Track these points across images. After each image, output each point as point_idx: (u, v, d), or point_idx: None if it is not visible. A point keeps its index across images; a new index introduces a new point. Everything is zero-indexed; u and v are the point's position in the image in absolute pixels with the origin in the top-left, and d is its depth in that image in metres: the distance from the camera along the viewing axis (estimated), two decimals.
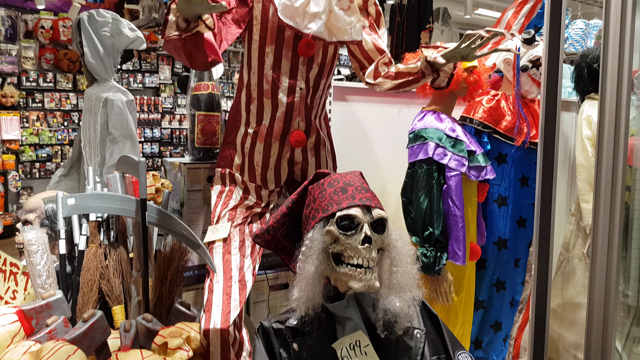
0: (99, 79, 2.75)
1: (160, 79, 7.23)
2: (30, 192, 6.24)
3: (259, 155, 1.87)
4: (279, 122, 1.83)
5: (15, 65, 6.01)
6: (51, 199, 1.93)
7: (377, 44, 1.87)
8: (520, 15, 2.77)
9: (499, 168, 2.39)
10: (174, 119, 7.35)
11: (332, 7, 1.71)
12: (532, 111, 2.45)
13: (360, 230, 1.31)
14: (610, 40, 1.41)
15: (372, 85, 1.86)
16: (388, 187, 2.60)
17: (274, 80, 1.78)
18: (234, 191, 1.88)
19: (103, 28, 2.67)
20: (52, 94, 6.37)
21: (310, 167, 1.94)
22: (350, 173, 1.44)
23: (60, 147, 6.46)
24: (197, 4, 1.35)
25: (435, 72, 1.77)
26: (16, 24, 6.02)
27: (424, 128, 2.10)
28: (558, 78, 1.64)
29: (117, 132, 2.63)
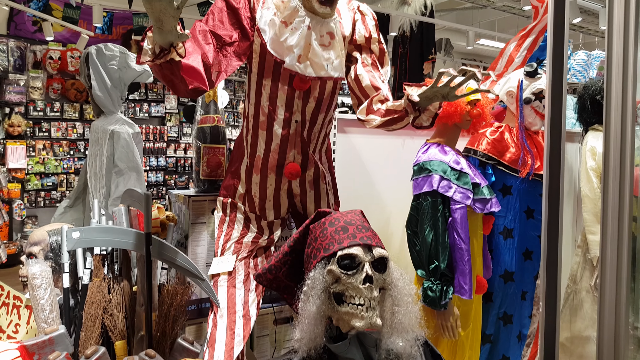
0: (105, 112, 2.79)
1: (166, 108, 7.31)
2: (35, 220, 6.26)
3: (256, 187, 1.88)
4: (273, 154, 1.84)
5: (23, 95, 6.10)
6: (56, 231, 1.93)
7: (374, 82, 1.85)
8: (523, 48, 2.81)
9: (504, 200, 2.39)
10: (179, 147, 7.41)
11: (311, 42, 1.73)
12: (536, 143, 2.45)
13: (361, 270, 1.30)
14: (613, 71, 1.42)
15: (362, 121, 1.84)
16: (392, 219, 2.59)
17: (269, 112, 1.80)
18: (235, 221, 1.89)
19: (111, 61, 2.72)
20: (58, 123, 6.45)
21: (309, 200, 1.95)
22: (352, 212, 1.45)
23: (66, 175, 6.50)
24: (168, 32, 1.39)
25: (417, 111, 1.71)
26: (25, 54, 6.13)
27: (428, 160, 2.10)
28: (562, 109, 1.65)
29: (123, 164, 2.64)
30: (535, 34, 2.81)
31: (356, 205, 2.47)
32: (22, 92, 6.09)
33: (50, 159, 6.38)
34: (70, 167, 6.53)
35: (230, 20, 1.72)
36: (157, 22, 1.37)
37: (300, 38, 1.71)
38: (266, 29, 1.72)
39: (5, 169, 5.86)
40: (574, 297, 2.84)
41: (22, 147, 5.99)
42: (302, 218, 2.00)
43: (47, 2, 6.35)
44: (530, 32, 2.83)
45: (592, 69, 4.65)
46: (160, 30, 1.38)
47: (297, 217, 2.02)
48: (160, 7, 1.33)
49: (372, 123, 1.79)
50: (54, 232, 1.94)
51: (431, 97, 1.64)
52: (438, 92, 1.63)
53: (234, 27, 1.72)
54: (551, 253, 1.57)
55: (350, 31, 1.88)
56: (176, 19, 1.37)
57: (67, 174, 6.51)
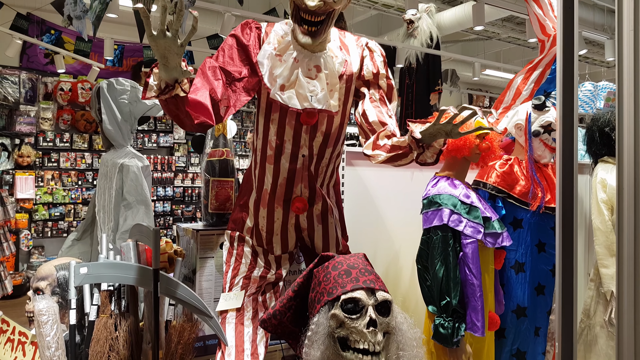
0: (115, 145, 2.81)
1: (175, 139, 7.37)
2: (42, 251, 6.25)
3: (263, 220, 1.87)
4: (280, 188, 1.84)
5: (33, 125, 6.17)
6: (63, 266, 1.92)
7: (381, 117, 1.85)
8: (530, 81, 2.82)
9: (515, 233, 2.36)
10: (187, 177, 7.44)
11: (298, 74, 1.74)
12: (546, 176, 2.44)
13: (365, 314, 1.30)
14: (624, 104, 1.41)
15: (368, 156, 1.84)
16: (402, 253, 2.56)
17: (277, 146, 1.80)
18: (243, 255, 1.87)
19: (122, 96, 2.75)
20: (67, 153, 6.51)
21: (317, 234, 1.93)
22: (354, 255, 1.46)
23: (74, 206, 6.52)
24: (172, 68, 1.42)
25: (420, 147, 1.70)
26: (36, 86, 6.23)
27: (438, 194, 2.09)
28: (573, 141, 1.64)
29: (132, 198, 2.65)
30: (542, 67, 2.82)
31: (365, 238, 2.46)
32: (32, 123, 6.16)
33: (59, 189, 6.42)
34: (78, 197, 6.55)
35: (240, 57, 1.75)
36: (162, 58, 1.40)
37: (285, 69, 1.74)
38: (264, 62, 1.75)
39: (14, 199, 5.89)
40: (588, 332, 2.77)
41: (30, 177, 6.03)
42: (310, 252, 1.98)
43: (60, 36, 6.49)
44: (537, 65, 2.84)
45: (599, 99, 4.66)
46: (165, 66, 1.41)
47: (305, 251, 2.01)
48: (165, 44, 1.37)
49: (377, 158, 1.79)
50: (61, 266, 1.93)
51: (434, 134, 1.63)
52: (441, 129, 1.62)
53: (243, 64, 1.74)
54: (566, 288, 1.54)
55: (359, 67, 1.89)
56: (180, 56, 1.41)
57: (75, 204, 6.53)
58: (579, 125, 3.26)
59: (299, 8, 1.68)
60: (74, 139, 6.54)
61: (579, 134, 3.64)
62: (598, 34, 6.77)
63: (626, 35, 1.42)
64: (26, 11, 6.37)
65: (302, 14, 1.68)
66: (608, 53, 6.82)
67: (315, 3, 1.63)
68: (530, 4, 2.94)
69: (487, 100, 11.36)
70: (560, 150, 1.61)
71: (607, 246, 2.65)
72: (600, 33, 6.78)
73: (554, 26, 2.84)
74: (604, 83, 4.66)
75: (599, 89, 4.67)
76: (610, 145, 2.81)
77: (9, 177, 5.93)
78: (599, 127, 2.86)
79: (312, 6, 1.63)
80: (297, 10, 1.69)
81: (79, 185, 6.57)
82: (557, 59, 1.62)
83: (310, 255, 1.99)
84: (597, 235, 2.68)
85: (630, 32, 1.40)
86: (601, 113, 2.94)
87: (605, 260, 2.65)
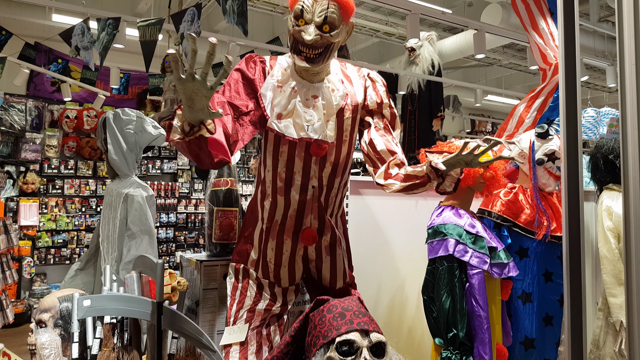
0: (120, 175, 2.82)
1: (179, 165, 7.39)
2: (44, 278, 6.22)
3: (272, 252, 1.85)
4: (290, 220, 1.83)
5: (39, 153, 6.21)
6: (66, 297, 1.91)
7: (389, 146, 1.86)
8: (532, 109, 2.83)
9: (521, 263, 2.34)
10: (190, 203, 7.44)
11: (295, 103, 1.76)
12: (551, 204, 2.43)
13: (359, 355, 1.32)
14: (628, 129, 1.41)
15: (381, 186, 1.84)
16: (407, 283, 2.54)
17: (287, 178, 1.80)
18: (248, 288, 1.85)
19: (127, 126, 2.78)
20: (72, 180, 6.53)
21: (324, 265, 1.91)
22: (348, 298, 1.48)
23: (77, 232, 6.52)
24: (199, 110, 1.42)
25: (440, 177, 1.73)
26: (42, 114, 6.29)
27: (443, 224, 2.08)
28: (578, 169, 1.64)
29: (136, 228, 2.65)
30: (544, 95, 2.85)
31: (370, 268, 2.44)
32: (37, 150, 6.20)
33: (62, 216, 6.42)
34: (81, 224, 6.55)
35: (246, 91, 1.76)
36: (189, 100, 1.39)
37: (282, 98, 1.75)
38: (267, 94, 1.77)
39: (17, 226, 5.89)
40: None
41: (35, 204, 6.04)
42: (315, 284, 1.96)
43: (67, 64, 6.58)
44: (539, 94, 2.86)
45: (602, 125, 4.66)
46: (190, 108, 1.41)
47: (310, 282, 1.99)
48: (193, 87, 1.36)
49: (391, 188, 1.80)
50: (64, 298, 1.92)
51: (454, 163, 1.68)
52: (462, 159, 1.67)
53: (249, 97, 1.76)
54: (575, 319, 1.52)
55: (363, 97, 1.91)
56: (209, 98, 1.40)
57: (78, 231, 6.52)
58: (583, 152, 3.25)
59: (297, 41, 1.71)
60: (78, 165, 6.57)
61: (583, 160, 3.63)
62: (599, 60, 6.83)
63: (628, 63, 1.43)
64: (34, 40, 6.48)
65: (300, 46, 1.70)
66: (609, 79, 6.87)
67: (312, 37, 1.65)
68: (530, 33, 2.98)
69: (490, 125, 11.41)
70: (566, 178, 1.60)
71: (614, 275, 2.62)
72: (601, 59, 6.84)
73: (555, 55, 2.88)
74: (607, 109, 4.67)
75: (601, 115, 4.67)
76: (615, 172, 2.81)
77: (13, 204, 5.95)
78: (603, 155, 2.86)
79: (308, 40, 1.65)
80: (295, 43, 1.72)
81: (82, 212, 6.58)
82: (559, 89, 1.63)
83: (314, 287, 1.97)
84: (604, 263, 2.65)
85: (632, 59, 1.41)
86: (605, 140, 2.95)
87: (614, 290, 2.62)
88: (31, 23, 6.29)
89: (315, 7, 1.66)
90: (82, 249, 6.51)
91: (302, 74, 1.78)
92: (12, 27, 6.10)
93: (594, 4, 6.68)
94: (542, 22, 2.91)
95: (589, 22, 6.64)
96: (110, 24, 4.01)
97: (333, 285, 1.92)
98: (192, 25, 3.77)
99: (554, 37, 2.88)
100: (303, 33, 1.66)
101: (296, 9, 1.68)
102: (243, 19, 3.51)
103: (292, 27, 1.71)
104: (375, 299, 2.46)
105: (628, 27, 1.42)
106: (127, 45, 4.32)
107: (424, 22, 6.45)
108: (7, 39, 6.01)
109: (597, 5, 6.74)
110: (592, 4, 6.68)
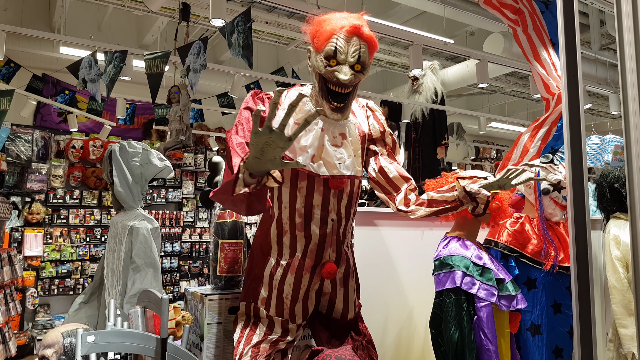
0: (126, 207, 2.83)
1: (183, 194, 7.40)
2: (47, 309, 6.18)
3: (289, 288, 1.82)
4: (311, 254, 1.82)
5: (44, 183, 6.23)
6: (70, 332, 1.89)
7: (401, 172, 1.93)
8: (537, 138, 2.84)
9: (529, 294, 2.31)
10: (194, 232, 7.42)
11: (324, 142, 1.78)
12: (558, 234, 2.41)
13: None
14: (634, 158, 1.41)
15: (405, 212, 1.90)
16: (415, 315, 2.51)
17: (306, 213, 1.79)
18: (258, 327, 1.82)
19: (133, 158, 2.80)
20: (77, 210, 6.53)
21: (338, 297, 1.90)
22: (342, 348, 1.52)
23: (81, 262, 6.49)
24: (267, 161, 1.40)
25: (474, 201, 1.85)
26: (49, 144, 6.34)
27: (450, 255, 2.06)
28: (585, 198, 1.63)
29: (141, 261, 2.64)
30: (548, 124, 2.85)
31: (377, 300, 2.41)
32: (43, 180, 6.23)
33: (67, 246, 6.41)
34: (85, 254, 6.53)
35: None
36: (259, 152, 1.38)
37: (314, 139, 1.77)
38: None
39: (22, 257, 5.87)
40: None
41: (39, 234, 6.04)
42: (323, 318, 1.94)
43: (74, 95, 6.67)
44: (543, 123, 2.87)
45: (607, 152, 4.67)
46: (258, 159, 1.40)
47: (317, 317, 1.96)
48: (268, 140, 1.36)
49: (416, 214, 1.89)
50: (68, 333, 1.90)
51: (487, 187, 1.82)
52: (496, 183, 1.83)
53: None
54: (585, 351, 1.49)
55: (367, 127, 1.94)
56: (285, 150, 1.39)
57: (82, 261, 6.50)
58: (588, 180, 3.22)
59: (326, 80, 1.72)
60: (83, 195, 6.59)
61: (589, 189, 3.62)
62: (602, 88, 6.87)
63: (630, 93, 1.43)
64: (42, 72, 6.59)
65: (331, 86, 1.72)
66: (613, 107, 6.90)
67: (348, 77, 1.67)
68: (533, 64, 3.01)
69: (494, 152, 11.42)
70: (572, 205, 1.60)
71: (624, 305, 2.58)
72: (603, 87, 6.89)
73: (558, 85, 2.89)
74: (611, 136, 4.69)
75: (605, 142, 4.69)
76: (621, 201, 2.79)
77: (17, 234, 5.95)
78: (608, 183, 2.85)
79: (344, 80, 1.67)
80: (324, 83, 1.73)
81: (87, 242, 6.57)
82: (563, 118, 1.63)
83: (320, 320, 1.94)
84: (614, 293, 2.62)
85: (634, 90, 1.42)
86: (610, 169, 2.94)
87: (624, 320, 2.58)
88: (39, 55, 6.41)
89: (348, 47, 1.69)
90: (86, 280, 6.48)
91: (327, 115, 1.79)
92: (21, 60, 6.21)
93: (594, 32, 6.76)
94: (544, 52, 2.94)
95: (590, 50, 6.71)
96: (117, 57, 4.07)
97: (345, 316, 1.91)
98: (198, 58, 3.83)
99: (556, 67, 2.90)
100: (337, 73, 1.68)
101: (328, 50, 1.69)
102: (248, 51, 3.57)
103: (323, 68, 1.71)
104: (383, 331, 2.43)
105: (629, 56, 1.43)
106: (134, 77, 4.39)
107: (426, 52, 6.53)
108: (16, 71, 6.11)
109: (597, 34, 6.82)
110: (592, 33, 6.76)
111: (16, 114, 5.83)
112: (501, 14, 3.18)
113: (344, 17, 1.74)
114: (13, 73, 6.00)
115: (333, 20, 1.74)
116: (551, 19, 3.00)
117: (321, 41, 1.72)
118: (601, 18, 6.73)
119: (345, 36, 1.69)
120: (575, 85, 1.63)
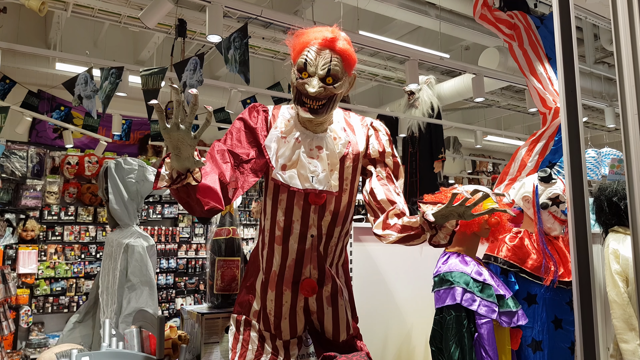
0: (121, 224, 2.80)
1: (179, 209, 7.36)
2: (41, 327, 6.09)
3: (271, 304, 1.81)
4: (289, 270, 1.79)
5: (39, 199, 6.18)
6: (64, 354, 1.85)
7: (389, 196, 1.82)
8: (534, 153, 2.84)
9: (530, 309, 2.28)
10: (190, 248, 7.37)
11: (299, 154, 1.76)
12: (557, 248, 2.39)
13: None
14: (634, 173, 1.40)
15: (379, 236, 1.79)
16: (414, 332, 2.48)
17: (285, 226, 1.78)
18: (250, 341, 1.80)
19: (129, 175, 2.77)
20: (72, 226, 6.48)
21: (326, 317, 1.86)
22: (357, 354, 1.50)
23: (75, 280, 6.42)
24: (185, 159, 1.43)
25: (433, 229, 1.66)
26: (44, 160, 6.30)
27: (449, 272, 2.04)
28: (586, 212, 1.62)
29: (136, 279, 2.60)
30: (545, 138, 2.86)
31: (376, 318, 2.38)
32: (38, 197, 6.18)
33: (61, 263, 6.34)
34: (80, 271, 6.46)
35: (248, 139, 1.77)
36: (175, 149, 1.41)
37: (287, 149, 1.76)
38: (271, 145, 1.77)
39: (16, 275, 5.81)
40: None
41: (34, 251, 5.97)
42: (319, 336, 1.91)
43: (69, 111, 6.65)
44: (540, 137, 2.87)
45: (604, 165, 4.67)
46: (177, 157, 1.43)
47: (314, 334, 1.93)
48: (178, 137, 1.39)
49: (388, 239, 1.75)
50: (62, 354, 1.86)
51: (447, 215, 1.61)
52: (454, 211, 1.60)
53: (251, 146, 1.76)
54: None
55: (365, 146, 1.90)
56: (193, 147, 1.43)
57: (77, 278, 6.43)
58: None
59: (300, 93, 1.72)
60: (78, 211, 6.54)
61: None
62: (597, 101, 6.91)
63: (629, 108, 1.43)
64: (37, 88, 6.58)
65: (303, 98, 1.72)
66: (608, 120, 6.93)
67: (316, 90, 1.66)
68: (529, 78, 3.02)
69: (491, 165, 11.45)
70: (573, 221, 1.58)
71: (625, 320, 2.55)
72: (599, 100, 6.93)
73: (555, 99, 2.90)
74: (608, 149, 4.69)
75: (602, 155, 4.69)
76: (620, 214, 2.78)
77: (12, 252, 5.88)
78: (606, 197, 2.84)
79: (312, 92, 1.66)
80: (298, 95, 1.73)
81: (82, 258, 6.50)
82: (562, 132, 1.63)
83: (318, 339, 1.91)
84: (614, 308, 2.59)
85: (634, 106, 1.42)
86: (608, 183, 2.94)
87: (625, 335, 2.55)
88: (35, 71, 6.41)
89: (318, 60, 1.68)
90: (80, 297, 6.40)
91: (306, 125, 1.79)
92: (16, 76, 6.19)
93: (589, 46, 6.82)
94: (540, 67, 2.95)
95: (585, 64, 6.76)
96: (113, 73, 4.07)
97: (336, 337, 1.86)
98: (195, 74, 3.83)
99: (552, 82, 2.91)
100: (306, 85, 1.68)
101: (299, 62, 1.70)
102: (245, 67, 3.57)
103: (295, 80, 1.72)
104: (382, 350, 2.39)
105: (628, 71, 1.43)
106: (130, 92, 4.38)
107: (422, 66, 6.57)
108: (11, 88, 6.09)
109: (592, 48, 6.87)
110: (587, 47, 6.82)
111: (11, 130, 5.81)
112: (497, 29, 3.20)
113: (319, 31, 1.74)
114: (8, 89, 5.98)
115: (307, 34, 1.74)
116: (546, 33, 3.02)
117: (295, 54, 1.74)
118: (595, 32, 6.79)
119: (317, 49, 1.69)
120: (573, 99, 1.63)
